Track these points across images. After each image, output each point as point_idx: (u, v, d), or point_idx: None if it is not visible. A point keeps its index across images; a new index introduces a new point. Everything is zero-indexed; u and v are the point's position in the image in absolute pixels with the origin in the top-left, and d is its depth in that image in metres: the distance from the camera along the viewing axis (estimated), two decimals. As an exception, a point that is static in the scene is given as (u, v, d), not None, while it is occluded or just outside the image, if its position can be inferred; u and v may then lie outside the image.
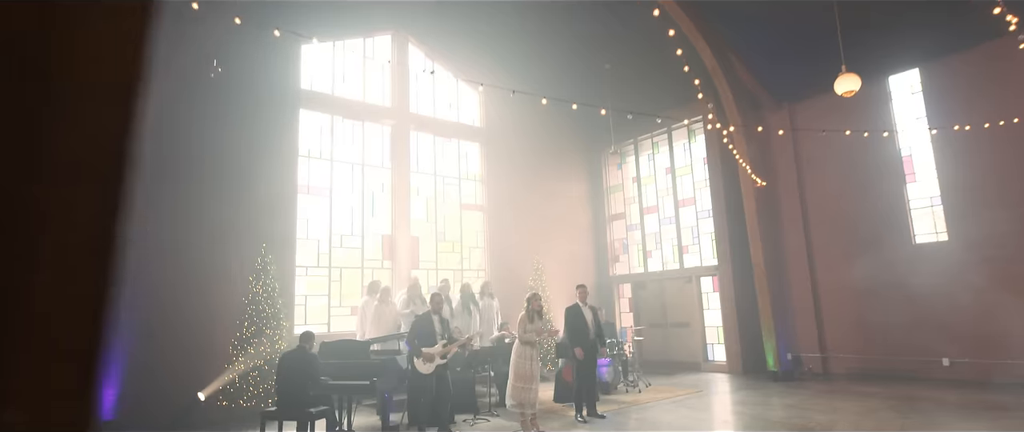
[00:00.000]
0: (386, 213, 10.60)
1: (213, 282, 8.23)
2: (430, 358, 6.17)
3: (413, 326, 6.35)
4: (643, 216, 13.20)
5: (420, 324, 6.31)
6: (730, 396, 8.46)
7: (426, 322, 6.34)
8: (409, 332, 6.42)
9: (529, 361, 6.44)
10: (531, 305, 6.58)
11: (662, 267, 12.68)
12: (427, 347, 6.23)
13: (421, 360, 6.14)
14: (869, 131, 9.18)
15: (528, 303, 6.61)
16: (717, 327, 11.52)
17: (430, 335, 6.30)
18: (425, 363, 6.15)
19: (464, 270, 11.37)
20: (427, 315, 6.42)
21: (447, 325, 6.56)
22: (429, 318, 6.38)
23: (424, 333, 6.27)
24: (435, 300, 6.51)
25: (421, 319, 6.36)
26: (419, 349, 6.16)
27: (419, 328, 6.29)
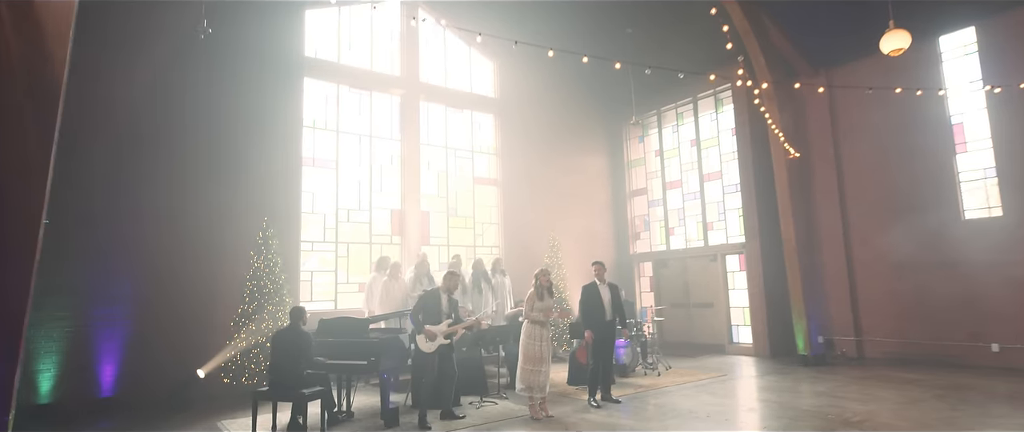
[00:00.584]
0: (395, 187, 10.20)
1: (212, 255, 7.96)
2: (432, 336, 5.78)
3: (419, 301, 5.97)
4: (666, 191, 12.57)
5: (426, 300, 5.93)
6: (756, 381, 7.93)
7: (433, 299, 5.94)
8: (414, 307, 6.04)
9: (539, 342, 6.01)
10: (540, 281, 6.12)
11: (685, 245, 12.07)
12: (431, 324, 5.83)
13: (423, 337, 5.75)
14: (923, 89, 8.36)
15: (537, 279, 6.15)
16: (743, 308, 10.93)
17: (435, 313, 5.90)
18: (427, 341, 5.76)
19: (477, 247, 10.95)
20: (435, 292, 6.03)
21: (455, 306, 6.14)
22: (437, 295, 5.98)
23: (429, 310, 5.88)
24: (449, 279, 6.11)
25: (428, 295, 5.98)
26: (422, 325, 5.78)
27: (424, 304, 5.90)
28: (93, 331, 7.20)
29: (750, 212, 10.64)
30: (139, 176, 7.61)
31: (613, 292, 6.72)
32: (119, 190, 7.47)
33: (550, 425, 5.66)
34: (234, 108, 8.43)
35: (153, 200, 7.66)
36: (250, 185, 8.43)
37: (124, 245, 7.43)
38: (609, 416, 5.97)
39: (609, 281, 6.85)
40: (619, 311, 6.71)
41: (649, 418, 5.83)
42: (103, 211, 7.34)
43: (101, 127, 7.45)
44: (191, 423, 6.24)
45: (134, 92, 7.70)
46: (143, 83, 7.79)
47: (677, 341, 11.91)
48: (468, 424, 5.77)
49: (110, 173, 7.43)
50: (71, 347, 7.04)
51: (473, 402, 6.69)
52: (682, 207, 12.23)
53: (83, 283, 7.17)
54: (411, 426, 5.70)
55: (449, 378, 5.97)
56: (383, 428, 5.69)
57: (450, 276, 6.16)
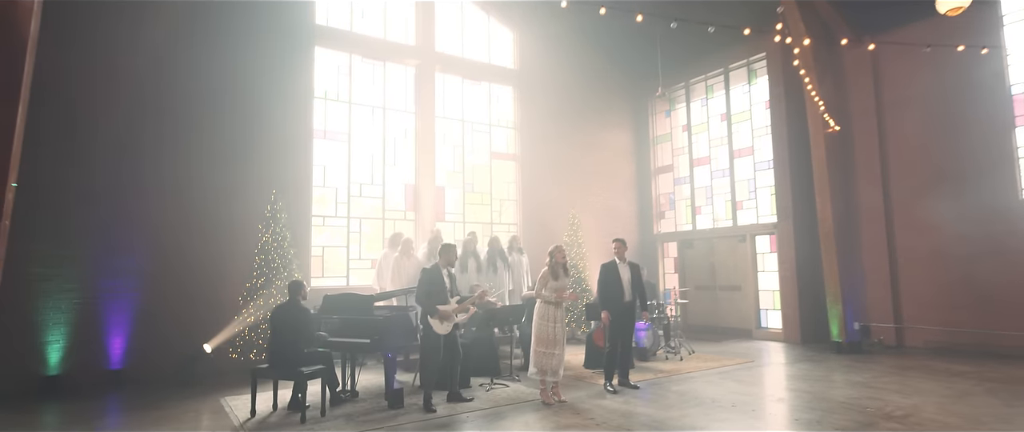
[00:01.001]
0: (409, 161, 9.88)
1: (220, 229, 7.80)
2: (447, 316, 5.46)
3: (421, 282, 5.62)
4: (693, 168, 11.98)
5: (430, 279, 5.57)
6: (786, 369, 7.45)
7: (436, 277, 5.60)
8: (417, 288, 5.70)
9: (552, 323, 5.66)
10: (554, 259, 5.74)
11: (713, 224, 11.52)
12: (441, 304, 5.51)
13: (438, 320, 5.43)
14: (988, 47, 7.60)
15: (551, 257, 5.77)
16: (773, 291, 10.38)
17: (442, 292, 5.57)
18: (442, 322, 5.45)
19: (494, 224, 10.60)
20: (435, 269, 5.68)
21: (453, 280, 5.80)
22: (438, 272, 5.64)
23: (436, 289, 5.54)
24: (447, 252, 5.74)
25: (430, 274, 5.63)
26: (434, 308, 5.45)
27: (429, 284, 5.55)
28: (100, 303, 7.12)
29: (783, 190, 10.02)
30: (143, 149, 7.44)
31: (633, 272, 6.30)
32: (123, 161, 7.31)
33: (561, 411, 5.33)
34: (242, 78, 8.17)
35: (158, 172, 7.49)
36: (259, 158, 8.21)
37: (129, 218, 7.30)
38: (625, 403, 5.60)
39: (630, 260, 6.43)
40: (639, 292, 6.30)
41: (668, 406, 5.45)
42: (107, 180, 7.20)
43: (104, 100, 7.27)
44: (197, 398, 6.11)
45: (138, 63, 7.49)
46: (147, 54, 7.56)
47: (702, 325, 11.44)
48: (475, 408, 5.47)
49: (114, 146, 7.26)
50: (79, 319, 6.96)
51: (483, 384, 6.40)
52: (710, 185, 11.64)
53: (89, 255, 7.07)
54: (416, 408, 5.44)
55: (454, 359, 5.67)
56: (387, 409, 5.44)
57: (447, 249, 5.77)
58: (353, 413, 5.32)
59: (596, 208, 11.73)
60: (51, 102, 6.86)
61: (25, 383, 6.51)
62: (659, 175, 12.63)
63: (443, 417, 5.17)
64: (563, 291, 5.71)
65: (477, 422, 5.02)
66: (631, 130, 12.70)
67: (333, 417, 5.19)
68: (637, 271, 6.35)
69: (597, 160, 11.97)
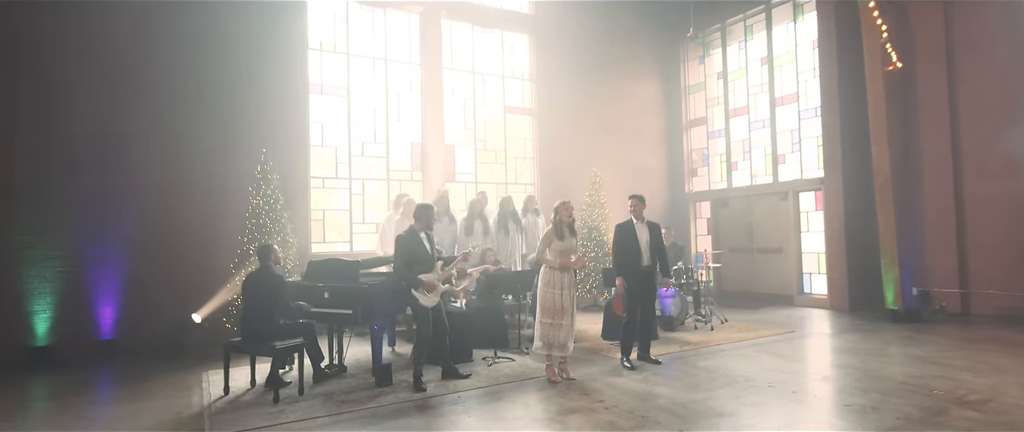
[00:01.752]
0: (415, 117, 9.17)
1: (211, 193, 7.33)
2: (432, 287, 4.81)
3: (398, 250, 4.90)
4: (729, 120, 10.89)
5: (408, 246, 4.85)
6: (832, 340, 6.58)
7: (415, 243, 4.88)
8: (395, 259, 5.00)
9: (558, 290, 4.94)
10: (559, 216, 4.99)
11: (751, 181, 10.48)
12: (425, 273, 4.86)
13: (423, 291, 4.78)
14: None
15: (556, 213, 5.03)
16: (817, 253, 9.39)
17: (423, 259, 4.89)
18: (427, 294, 4.81)
19: (508, 183, 9.86)
20: (411, 234, 4.94)
21: (433, 244, 5.09)
22: (416, 237, 4.92)
23: (417, 257, 4.86)
24: (422, 212, 4.99)
25: (407, 240, 4.90)
26: (416, 279, 4.79)
27: (408, 251, 4.84)
28: (87, 272, 6.78)
29: (832, 140, 8.91)
30: (126, 106, 6.94)
31: (652, 232, 5.49)
32: (107, 119, 6.85)
33: (567, 391, 4.66)
34: (229, 29, 7.53)
35: (143, 130, 7.01)
36: (249, 116, 7.64)
37: (115, 184, 6.88)
38: (643, 381, 4.89)
39: (649, 219, 5.61)
40: (659, 255, 5.50)
41: (693, 386, 4.71)
42: (91, 145, 6.78)
43: (82, 53, 6.75)
44: (183, 371, 5.71)
45: (117, 16, 6.92)
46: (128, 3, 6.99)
47: (737, 290, 10.55)
48: (470, 386, 4.86)
49: (96, 113, 6.80)
50: (66, 288, 6.64)
51: (487, 357, 5.78)
52: (748, 137, 10.56)
53: (74, 221, 6.70)
54: (405, 385, 4.86)
55: (442, 332, 5.04)
56: (374, 386, 4.88)
57: (423, 210, 4.98)
58: (334, 391, 4.78)
59: (621, 166, 10.83)
60: (26, 70, 6.47)
61: (13, 354, 6.24)
62: (691, 129, 11.58)
63: (431, 396, 4.58)
64: (569, 254, 4.96)
65: (467, 403, 4.40)
66: (660, 80, 11.62)
67: (312, 395, 4.66)
68: (657, 232, 5.54)
69: (622, 113, 11.00)
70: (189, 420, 4.17)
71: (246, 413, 4.25)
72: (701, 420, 3.84)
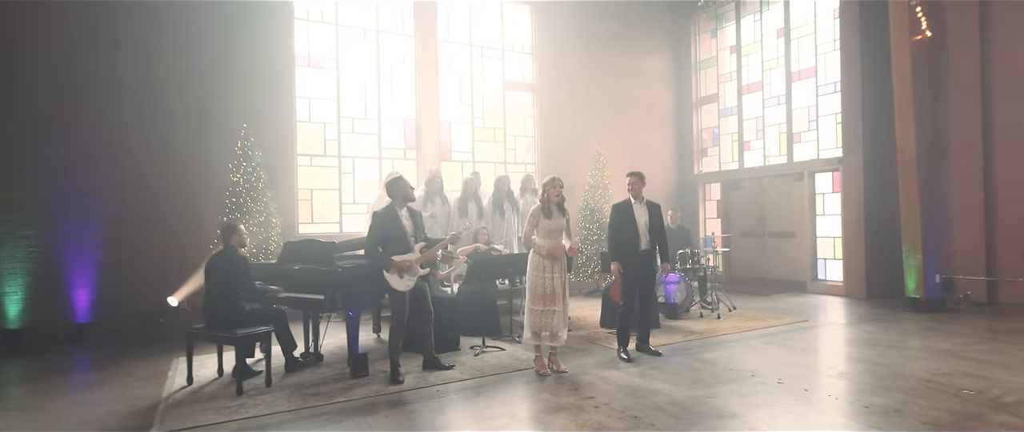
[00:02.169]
0: (409, 93, 8.72)
1: (190, 169, 6.99)
2: (407, 270, 4.41)
3: (372, 227, 4.52)
4: (742, 97, 10.32)
5: (383, 223, 4.47)
6: (848, 331, 6.12)
7: (391, 220, 4.49)
8: (368, 236, 4.62)
9: (547, 275, 4.53)
10: (547, 193, 4.56)
11: (763, 161, 9.95)
12: (399, 254, 4.46)
13: (394, 273, 4.40)
14: None
15: (544, 191, 4.59)
16: (833, 238, 8.88)
17: (400, 238, 4.49)
18: (400, 277, 4.42)
19: (507, 163, 9.42)
20: (390, 209, 4.54)
21: (419, 220, 4.70)
22: (392, 214, 4.52)
23: (393, 235, 4.47)
24: (396, 186, 4.55)
25: (383, 216, 4.51)
26: (388, 259, 4.40)
27: (382, 229, 4.45)
28: (62, 252, 6.47)
29: (851, 117, 8.34)
30: (99, 77, 6.58)
31: (652, 214, 5.05)
32: (77, 94, 6.48)
33: (556, 386, 4.26)
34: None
35: (118, 105, 6.66)
36: (230, 88, 7.25)
37: (89, 156, 6.54)
38: (640, 375, 4.48)
39: (649, 200, 5.16)
40: (659, 238, 5.05)
41: (695, 381, 4.29)
42: (59, 100, 6.43)
43: (48, 10, 6.37)
44: (154, 358, 5.40)
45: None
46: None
47: (746, 276, 10.08)
48: (451, 378, 4.48)
49: (65, 75, 6.43)
50: (38, 269, 6.36)
51: (475, 346, 5.41)
52: (761, 115, 10.00)
53: (46, 198, 6.38)
54: (382, 376, 4.50)
55: (425, 319, 4.66)
56: (349, 377, 4.52)
57: (393, 183, 4.55)
58: (305, 382, 4.43)
59: (626, 145, 10.34)
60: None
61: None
62: (702, 106, 11.02)
63: (407, 390, 4.21)
64: (558, 235, 4.53)
65: (445, 397, 4.03)
66: (669, 55, 11.04)
67: (280, 387, 4.31)
68: (657, 213, 5.10)
69: (629, 90, 10.47)
70: (141, 413, 3.84)
71: (204, 406, 3.91)
72: (700, 422, 3.43)
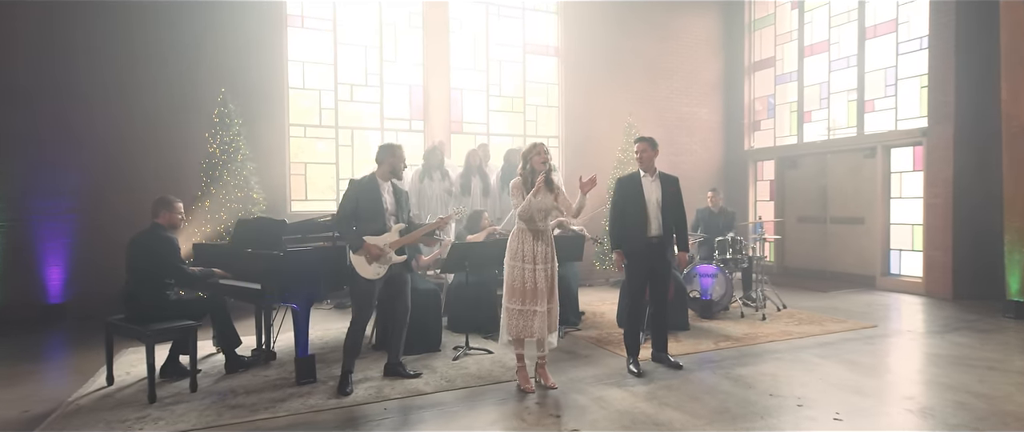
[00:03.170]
0: (416, 56, 7.85)
1: (173, 138, 6.45)
2: (377, 255, 3.58)
3: (346, 195, 3.71)
4: (803, 60, 8.88)
5: (358, 193, 3.66)
6: (930, 343, 4.86)
7: (366, 190, 3.67)
8: (339, 205, 3.80)
9: (527, 266, 3.61)
10: (531, 164, 3.60)
11: (827, 135, 8.53)
12: (373, 234, 3.64)
13: (362, 256, 3.58)
14: None
15: (525, 161, 3.63)
16: (911, 225, 7.45)
17: (376, 214, 3.66)
18: (369, 262, 3.59)
19: (527, 136, 8.43)
20: (370, 180, 3.72)
21: (405, 202, 3.86)
22: (373, 184, 3.70)
23: (366, 210, 3.64)
24: (387, 154, 3.71)
25: (358, 185, 3.70)
26: (359, 238, 3.58)
27: (354, 202, 3.65)
28: (33, 227, 6.05)
29: (942, 80, 6.86)
30: (76, 42, 6.07)
31: (667, 190, 3.99)
32: (51, 60, 6.01)
33: (535, 408, 3.34)
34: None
35: (98, 72, 6.16)
36: (212, 50, 6.60)
37: (66, 126, 6.07)
38: (648, 397, 3.49)
39: (663, 172, 4.10)
40: (676, 222, 4.00)
41: (718, 410, 3.27)
42: (34, 69, 5.97)
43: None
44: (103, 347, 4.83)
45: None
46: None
47: (802, 268, 8.76)
48: (411, 390, 3.63)
49: (39, 40, 5.94)
50: (8, 244, 5.95)
51: (459, 347, 4.55)
52: (826, 81, 8.55)
53: (20, 167, 5.97)
54: (331, 385, 3.70)
55: (401, 316, 3.83)
56: (294, 384, 3.76)
57: (386, 149, 3.74)
58: (237, 389, 3.70)
59: (664, 117, 9.13)
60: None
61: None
62: (755, 72, 9.63)
63: (349, 405, 3.39)
64: (546, 216, 3.58)
65: (391, 418, 3.19)
66: (718, 14, 9.68)
67: (206, 394, 3.60)
68: (674, 189, 4.03)
69: (669, 55, 9.22)
70: (27, 422, 3.20)
71: (99, 416, 3.23)
72: (715, 481, 2.43)
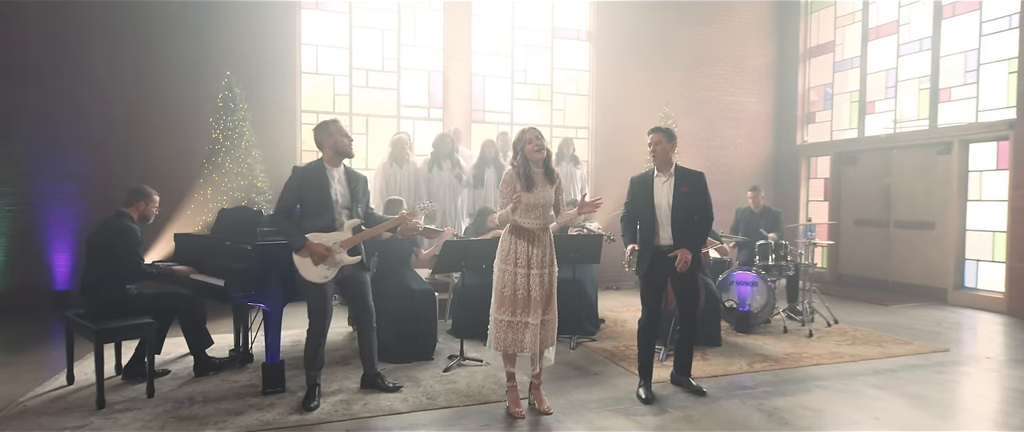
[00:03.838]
0: (435, 41, 7.41)
1: (185, 122, 6.27)
2: (322, 256, 3.14)
3: (287, 185, 3.26)
4: (867, 44, 7.93)
5: (301, 184, 3.22)
6: (1013, 373, 4.04)
7: (310, 178, 3.22)
8: (277, 202, 3.35)
9: (520, 270, 3.10)
10: (524, 152, 3.07)
11: (893, 128, 7.58)
12: (322, 231, 3.21)
13: (305, 256, 3.16)
14: None
15: (515, 151, 3.10)
16: (991, 232, 6.48)
17: (322, 208, 3.22)
18: (315, 264, 3.17)
19: (554, 126, 7.86)
20: (316, 167, 3.25)
21: (360, 190, 3.35)
22: (319, 172, 3.24)
23: (311, 202, 3.21)
24: (325, 133, 3.21)
25: (302, 173, 3.27)
26: (300, 236, 3.16)
27: (297, 194, 3.22)
28: (41, 212, 5.97)
29: (1035, 62, 5.88)
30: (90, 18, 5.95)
31: (679, 190, 3.31)
32: (63, 37, 5.90)
33: (519, 439, 2.83)
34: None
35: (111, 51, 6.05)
36: (221, 32, 6.37)
37: (76, 106, 5.97)
38: (658, 430, 2.92)
39: (680, 166, 3.44)
40: (694, 228, 3.33)
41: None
42: (45, 63, 5.87)
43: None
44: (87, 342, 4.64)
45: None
46: None
47: (859, 277, 7.85)
48: (384, 409, 3.18)
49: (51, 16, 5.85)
50: (16, 229, 5.89)
51: (453, 356, 4.08)
52: (894, 67, 7.59)
53: (25, 149, 5.89)
54: (290, 402, 3.29)
55: (364, 326, 3.39)
56: (259, 393, 3.38)
57: (323, 129, 3.18)
58: (195, 396, 3.35)
59: (705, 108, 8.38)
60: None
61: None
62: (812, 59, 8.71)
63: (312, 423, 2.98)
64: (540, 219, 3.05)
65: (348, 446, 2.75)
66: (770, -7, 8.81)
67: (162, 400, 3.28)
68: (698, 187, 3.35)
69: (712, 39, 8.44)
70: (-38, 427, 2.94)
71: (37, 422, 2.95)
72: None
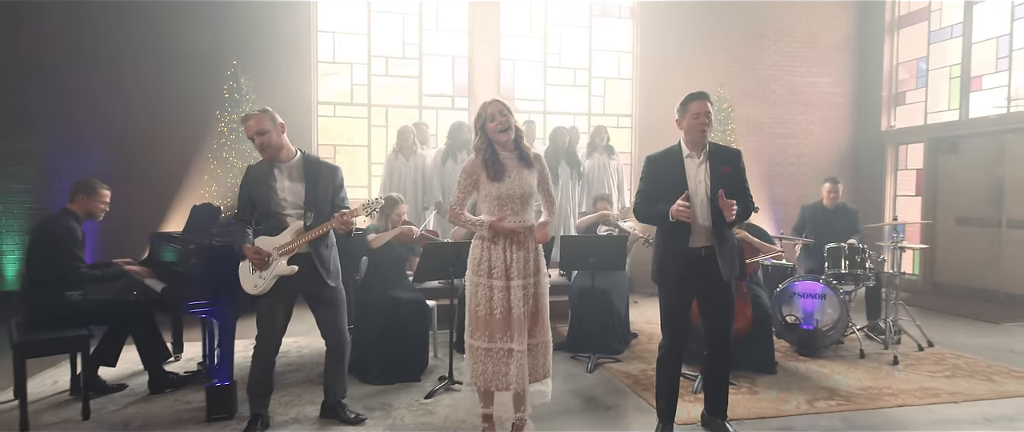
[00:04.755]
0: (460, 24, 6.85)
1: (190, 115, 5.99)
2: (259, 262, 2.61)
3: (239, 191, 2.79)
4: (971, 9, 6.63)
5: (249, 183, 2.72)
6: None
7: (257, 178, 2.71)
8: (240, 194, 2.85)
9: (496, 282, 2.49)
10: (484, 131, 2.50)
11: (1007, 107, 6.27)
12: (270, 234, 2.70)
13: (249, 266, 2.65)
14: None
15: (477, 131, 2.50)
16: None
17: (266, 207, 2.70)
18: (253, 271, 2.65)
19: (592, 115, 7.10)
20: (259, 167, 2.74)
21: (322, 185, 2.73)
22: (263, 171, 2.71)
23: (260, 203, 2.70)
24: (255, 123, 2.62)
25: (249, 174, 2.75)
26: (241, 239, 2.66)
27: (247, 192, 2.72)
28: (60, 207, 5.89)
29: None
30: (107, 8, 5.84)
31: (716, 171, 2.52)
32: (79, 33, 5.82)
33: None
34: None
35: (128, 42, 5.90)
36: (236, 21, 6.09)
37: (93, 102, 5.86)
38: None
39: (715, 143, 2.65)
40: (740, 211, 2.50)
41: None
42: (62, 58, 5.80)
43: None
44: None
45: None
46: None
47: (961, 287, 6.58)
48: (329, 447, 2.63)
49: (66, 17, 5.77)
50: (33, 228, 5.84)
51: (444, 377, 3.49)
52: (1008, 34, 6.28)
53: (45, 149, 5.85)
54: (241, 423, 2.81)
55: (335, 346, 2.85)
56: (203, 420, 2.92)
57: (256, 119, 2.61)
58: (134, 419, 2.95)
59: (767, 88, 7.34)
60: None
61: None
62: (901, 29, 7.45)
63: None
64: (517, 214, 2.39)
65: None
66: (849, -45, 7.61)
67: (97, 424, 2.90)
68: (732, 169, 2.55)
69: (777, 10, 7.38)
70: None
71: (-55, 449, 2.59)
72: None
